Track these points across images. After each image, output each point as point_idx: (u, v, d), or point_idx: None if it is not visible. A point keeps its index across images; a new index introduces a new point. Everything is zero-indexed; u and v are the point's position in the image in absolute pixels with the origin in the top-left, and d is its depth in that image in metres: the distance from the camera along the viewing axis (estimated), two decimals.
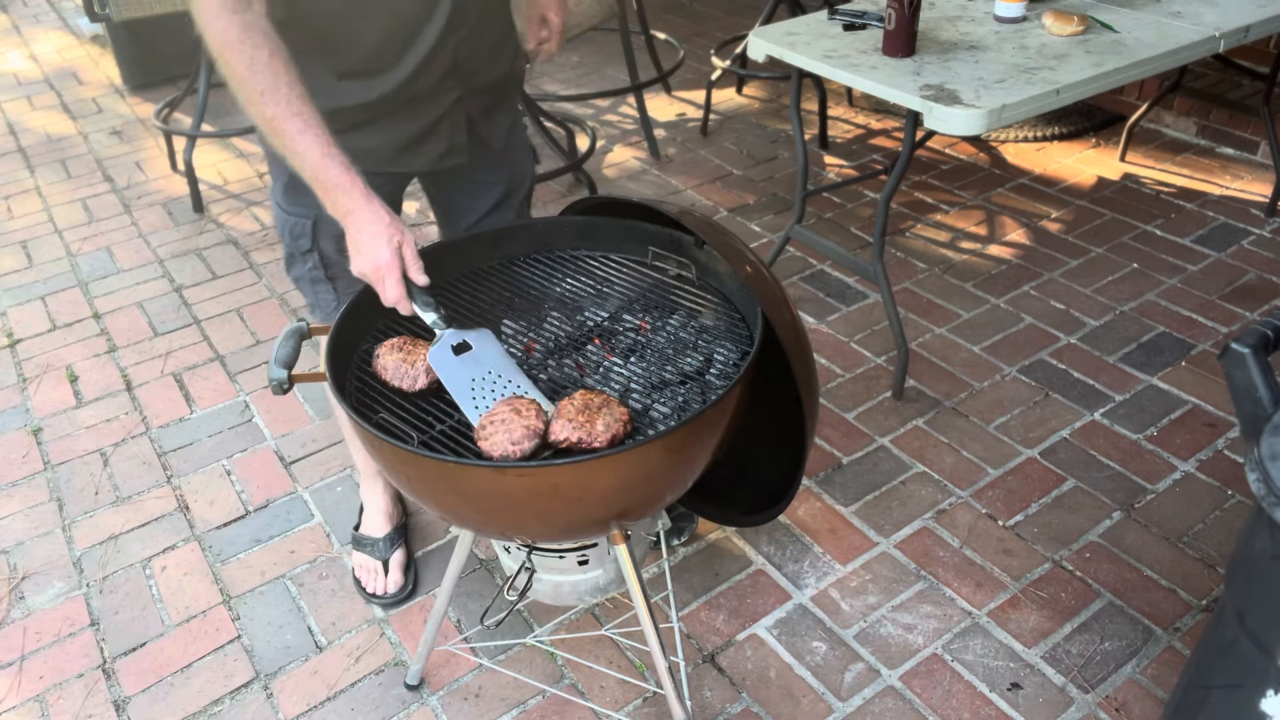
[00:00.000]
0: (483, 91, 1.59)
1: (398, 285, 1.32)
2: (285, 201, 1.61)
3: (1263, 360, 1.21)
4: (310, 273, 1.67)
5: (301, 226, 1.61)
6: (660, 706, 1.69)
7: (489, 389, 1.32)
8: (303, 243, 1.63)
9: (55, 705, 1.75)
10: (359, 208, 1.31)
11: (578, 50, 4.48)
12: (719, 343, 1.44)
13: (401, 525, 2.01)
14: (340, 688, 1.76)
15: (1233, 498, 2.03)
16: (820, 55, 2.13)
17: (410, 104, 1.51)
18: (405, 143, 1.55)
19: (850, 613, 1.84)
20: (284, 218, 1.63)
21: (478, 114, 1.60)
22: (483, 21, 1.52)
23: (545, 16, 1.76)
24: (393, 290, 1.33)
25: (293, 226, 1.62)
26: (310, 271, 1.67)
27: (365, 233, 1.31)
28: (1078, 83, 1.97)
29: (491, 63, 1.58)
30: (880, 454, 2.19)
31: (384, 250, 1.31)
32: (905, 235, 3.00)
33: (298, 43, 1.31)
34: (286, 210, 1.61)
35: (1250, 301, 2.61)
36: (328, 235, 1.60)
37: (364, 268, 1.33)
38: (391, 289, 1.32)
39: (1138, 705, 1.65)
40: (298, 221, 1.61)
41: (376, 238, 1.31)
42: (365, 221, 1.31)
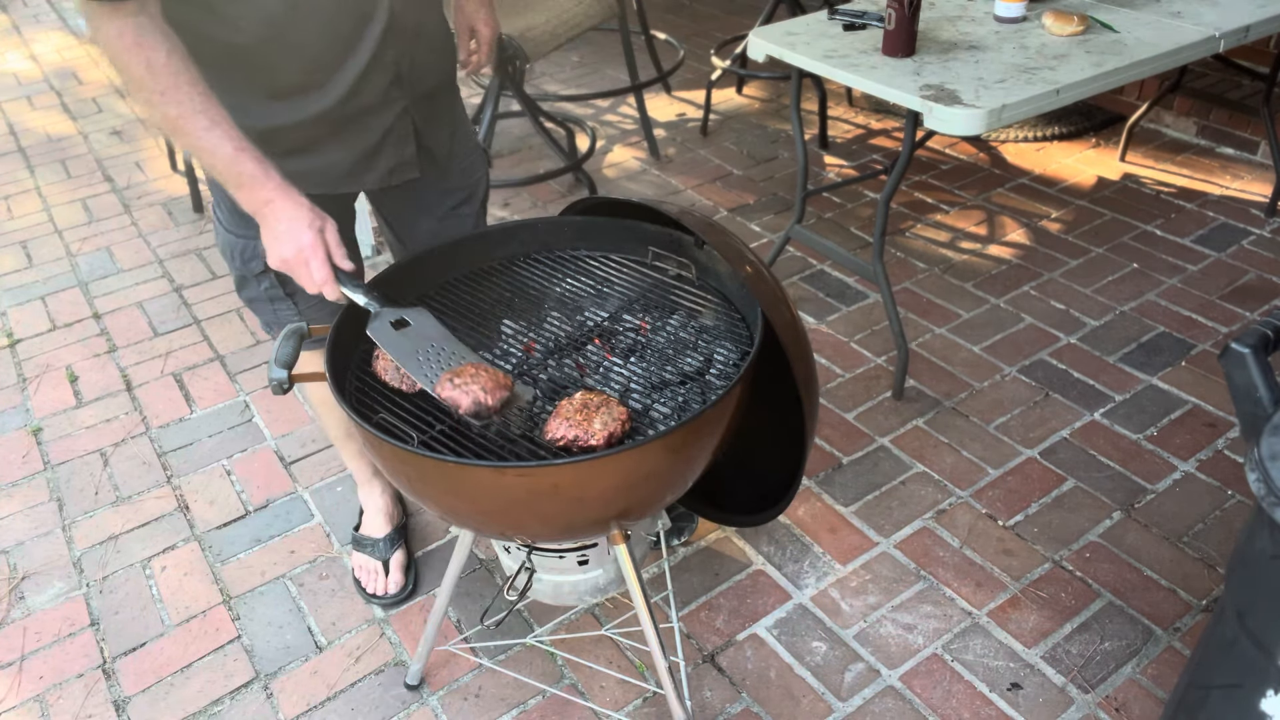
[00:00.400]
0: (425, 99, 1.54)
1: (323, 265, 1.28)
2: (231, 223, 1.55)
3: (1263, 360, 1.21)
4: (267, 292, 1.62)
5: (251, 248, 1.55)
6: (660, 706, 1.69)
7: (435, 359, 1.31)
8: (255, 265, 1.56)
9: (55, 705, 1.75)
10: (277, 198, 1.26)
11: (578, 50, 4.48)
12: (719, 343, 1.44)
13: (402, 525, 2.00)
14: (340, 688, 1.76)
15: (1233, 498, 2.03)
16: (820, 55, 2.13)
17: (353, 120, 1.45)
18: (352, 162, 1.50)
19: (850, 613, 1.84)
20: (230, 240, 1.57)
21: (422, 123, 1.55)
22: (422, 28, 1.47)
23: (474, 28, 1.70)
24: (319, 271, 1.28)
25: (242, 249, 1.56)
26: (267, 291, 1.62)
27: (285, 220, 1.26)
28: (1078, 83, 1.97)
29: (433, 70, 1.53)
30: (880, 454, 2.19)
31: (305, 233, 1.26)
32: (905, 235, 3.00)
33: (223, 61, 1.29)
34: (234, 232, 1.55)
35: (1250, 301, 2.61)
36: None
37: (285, 253, 1.27)
38: (317, 269, 1.28)
39: (1138, 705, 1.65)
40: (247, 243, 1.55)
41: (297, 222, 1.27)
42: (284, 210, 1.27)
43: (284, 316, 1.64)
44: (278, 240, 1.27)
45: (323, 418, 1.88)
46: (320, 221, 1.28)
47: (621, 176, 3.48)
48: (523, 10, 2.98)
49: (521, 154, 3.65)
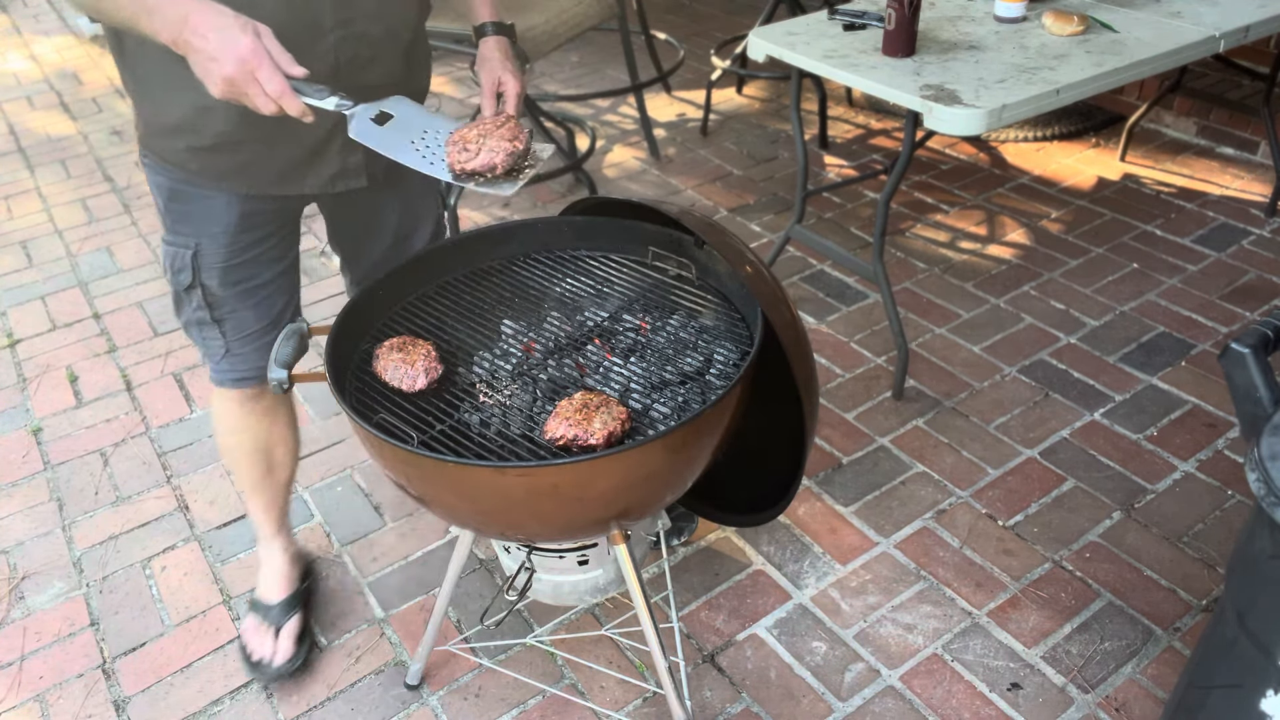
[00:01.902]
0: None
1: (274, 73, 1.11)
2: (165, 227, 1.46)
3: (1263, 360, 1.21)
4: (196, 314, 1.51)
5: (181, 257, 1.45)
6: (660, 706, 1.69)
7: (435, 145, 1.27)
8: (184, 277, 1.47)
9: (55, 705, 1.75)
10: (194, 10, 1.09)
11: (578, 50, 4.48)
12: (719, 343, 1.44)
13: (302, 591, 1.86)
14: (340, 688, 1.76)
15: (1233, 498, 2.03)
16: (820, 55, 2.13)
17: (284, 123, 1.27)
18: (289, 162, 1.39)
19: (850, 613, 1.84)
20: (165, 249, 1.48)
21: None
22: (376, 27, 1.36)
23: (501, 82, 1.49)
24: (270, 80, 1.11)
25: (173, 258, 1.46)
26: (195, 312, 1.51)
27: (212, 32, 1.09)
28: (1078, 83, 1.97)
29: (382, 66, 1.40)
30: (880, 454, 2.19)
31: (242, 38, 1.09)
32: (905, 235, 3.00)
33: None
34: (167, 240, 1.47)
35: (1250, 301, 2.61)
36: (211, 267, 1.46)
37: (226, 69, 1.09)
38: (268, 78, 1.11)
39: (1138, 705, 1.65)
40: (177, 251, 1.45)
41: (226, 30, 1.09)
42: (208, 22, 1.09)
43: (212, 346, 1.55)
44: (213, 60, 1.09)
45: (232, 466, 1.77)
46: (253, 24, 1.12)
47: (621, 176, 3.48)
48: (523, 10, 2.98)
49: None
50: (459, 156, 1.25)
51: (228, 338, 1.54)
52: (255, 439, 1.70)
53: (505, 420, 1.33)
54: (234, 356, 1.56)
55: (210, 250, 1.44)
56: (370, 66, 1.37)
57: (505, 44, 1.56)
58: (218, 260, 1.45)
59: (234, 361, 1.57)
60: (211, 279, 1.47)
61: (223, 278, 1.47)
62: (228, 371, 1.59)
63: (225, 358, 1.56)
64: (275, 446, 1.73)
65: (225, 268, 1.46)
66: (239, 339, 1.54)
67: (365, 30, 1.34)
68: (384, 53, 1.40)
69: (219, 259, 1.45)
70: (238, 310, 1.51)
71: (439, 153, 1.26)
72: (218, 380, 1.61)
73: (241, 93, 1.12)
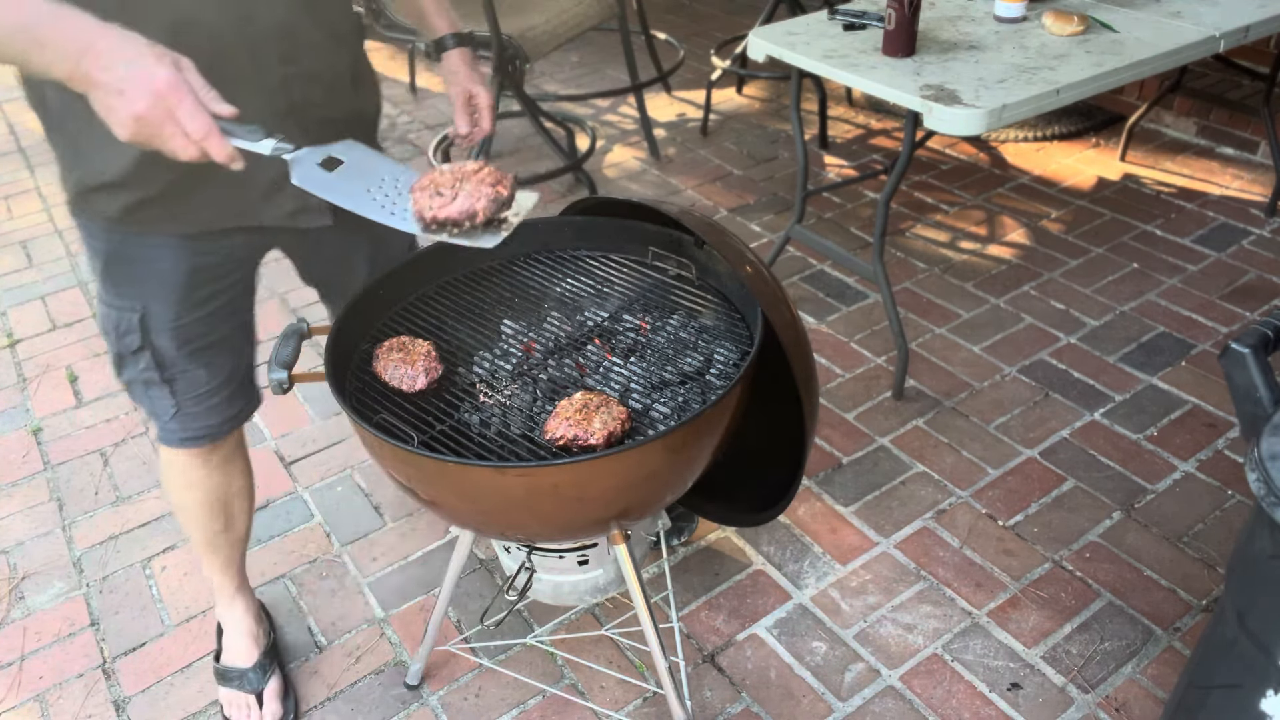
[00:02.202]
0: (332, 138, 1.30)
1: (197, 110, 0.95)
2: (104, 292, 1.36)
3: (1263, 360, 1.21)
4: (143, 374, 1.41)
5: (128, 321, 1.35)
6: (660, 706, 1.69)
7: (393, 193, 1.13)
8: (131, 340, 1.37)
9: (55, 705, 1.75)
10: (99, 36, 0.93)
11: (578, 50, 4.48)
12: (719, 343, 1.44)
13: (272, 646, 1.77)
14: (340, 688, 1.76)
15: (1233, 498, 2.03)
16: (820, 55, 2.13)
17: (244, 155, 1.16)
18: (246, 196, 1.29)
19: (850, 613, 1.84)
20: (106, 312, 1.37)
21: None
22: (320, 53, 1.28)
23: (471, 94, 1.49)
24: (192, 119, 0.95)
25: (117, 322, 1.36)
26: (143, 373, 1.40)
27: (121, 63, 0.93)
28: (1078, 83, 1.97)
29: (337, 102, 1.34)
30: (880, 454, 2.19)
31: (158, 70, 0.93)
32: (905, 235, 3.00)
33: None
34: (108, 303, 1.36)
35: (1250, 301, 2.61)
36: (161, 329, 1.36)
37: (137, 108, 0.93)
38: (190, 116, 0.95)
39: (1138, 705, 1.65)
40: (122, 315, 1.35)
41: (139, 61, 0.93)
42: (115, 51, 0.93)
43: (160, 407, 1.44)
44: (119, 94, 0.93)
45: (187, 524, 1.65)
46: (170, 54, 0.96)
47: (621, 176, 3.48)
48: (523, 10, 2.98)
49: (521, 154, 3.65)
50: (430, 202, 1.11)
51: (179, 397, 1.43)
52: (211, 493, 1.59)
53: (505, 420, 1.33)
54: (185, 415, 1.46)
55: (159, 311, 1.34)
56: (325, 102, 1.29)
57: (469, 55, 1.51)
58: (168, 320, 1.35)
59: (185, 421, 1.46)
60: (162, 339, 1.37)
61: (175, 337, 1.37)
62: (178, 431, 1.48)
63: (175, 417, 1.45)
64: (233, 499, 1.62)
65: (177, 327, 1.36)
66: (191, 398, 1.44)
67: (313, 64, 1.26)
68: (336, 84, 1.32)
69: (169, 319, 1.35)
70: (189, 370, 1.41)
71: (401, 201, 1.12)
72: (166, 440, 1.50)
73: (155, 134, 0.96)
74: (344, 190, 1.11)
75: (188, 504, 1.60)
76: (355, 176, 1.13)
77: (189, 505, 1.60)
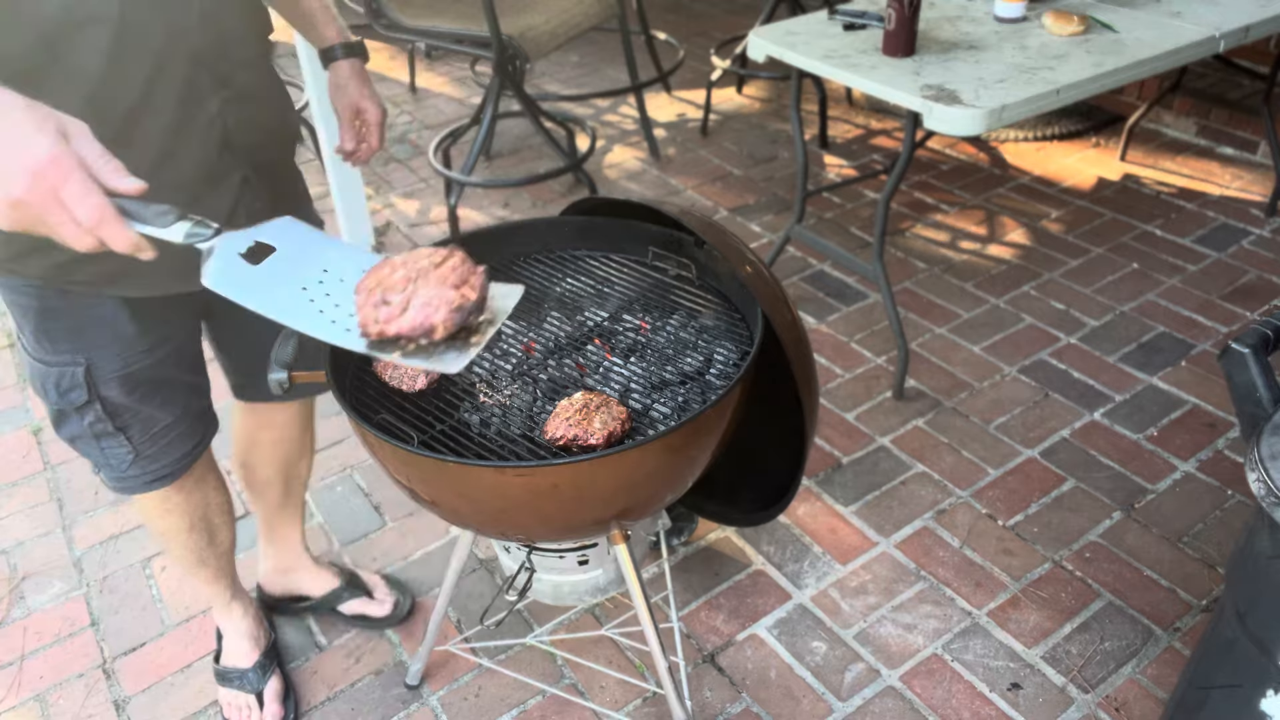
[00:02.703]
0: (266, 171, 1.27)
1: (88, 191, 0.79)
2: (39, 349, 1.24)
3: (1263, 360, 1.21)
4: (93, 428, 1.31)
5: (71, 377, 1.24)
6: (660, 706, 1.69)
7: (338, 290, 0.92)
8: (75, 395, 1.26)
9: (55, 705, 1.75)
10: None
11: (578, 50, 4.48)
12: (719, 343, 1.44)
13: (271, 646, 1.76)
14: (340, 688, 1.76)
15: (1233, 498, 2.03)
16: (820, 55, 2.13)
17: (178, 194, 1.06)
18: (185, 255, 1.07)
19: (850, 613, 1.84)
20: (41, 370, 1.25)
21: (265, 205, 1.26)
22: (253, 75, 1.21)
23: (359, 109, 1.42)
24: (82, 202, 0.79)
25: (58, 379, 1.25)
26: (92, 426, 1.31)
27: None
28: (1078, 83, 1.97)
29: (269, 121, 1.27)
30: (880, 454, 2.19)
31: (37, 141, 0.77)
32: (905, 235, 3.00)
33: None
34: (44, 360, 1.25)
35: (1250, 301, 2.61)
36: (109, 380, 1.26)
37: (13, 190, 0.77)
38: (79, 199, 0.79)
39: (1138, 705, 1.65)
40: (63, 371, 1.24)
41: (19, 127, 0.77)
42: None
43: (115, 456, 1.35)
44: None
45: (170, 549, 1.59)
46: (55, 117, 0.80)
47: (621, 176, 3.48)
48: (523, 10, 2.98)
49: (521, 154, 3.65)
50: (374, 314, 0.89)
51: (135, 442, 1.34)
52: (190, 513, 1.52)
53: (505, 420, 1.33)
54: (144, 459, 1.38)
55: (105, 361, 1.24)
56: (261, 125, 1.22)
57: (360, 66, 1.43)
58: (116, 370, 1.25)
59: (145, 464, 1.38)
60: (111, 390, 1.27)
61: (124, 384, 1.28)
62: (140, 477, 1.40)
63: (135, 463, 1.37)
64: (212, 514, 1.57)
65: (125, 375, 1.27)
66: (147, 440, 1.35)
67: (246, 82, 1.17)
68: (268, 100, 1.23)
69: (117, 368, 1.26)
70: (143, 411, 1.33)
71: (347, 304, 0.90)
72: (126, 489, 1.41)
73: (38, 221, 0.79)
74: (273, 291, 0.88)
75: (167, 531, 1.54)
76: (288, 271, 0.90)
77: (169, 532, 1.54)
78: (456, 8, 3.01)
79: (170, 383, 1.35)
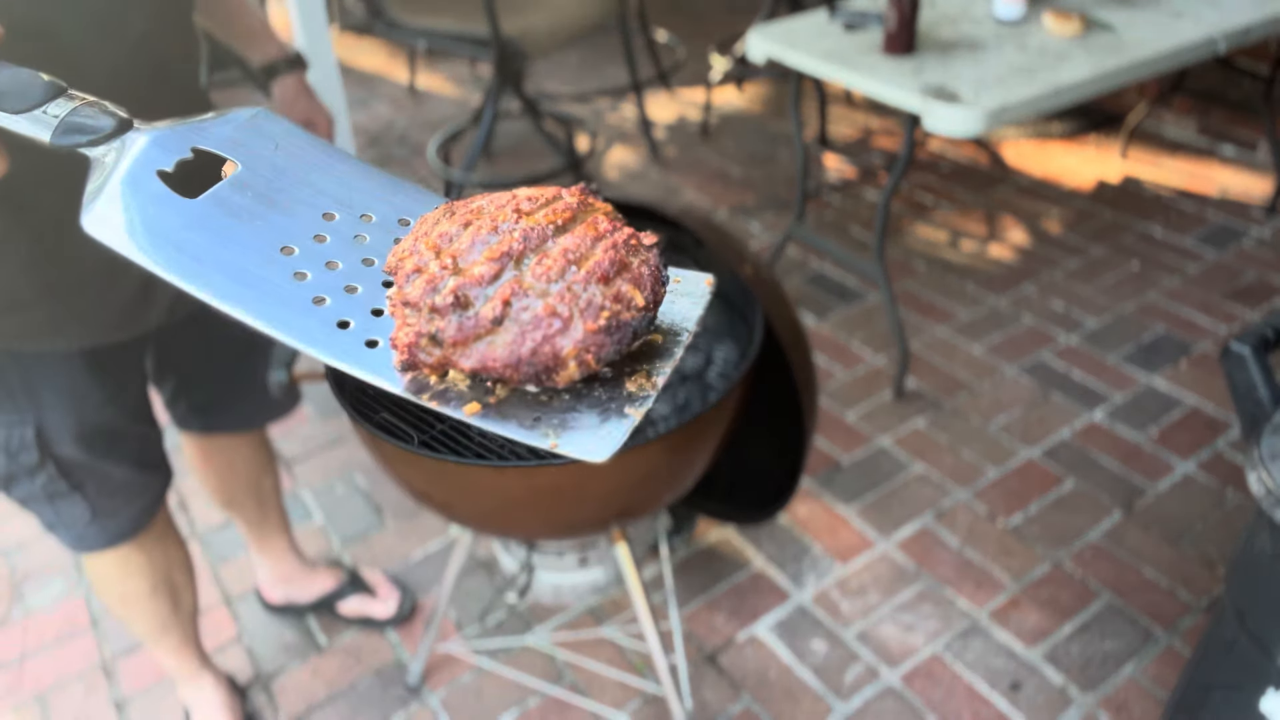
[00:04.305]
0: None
1: None
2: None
3: (1263, 360, 1.21)
4: (45, 489, 1.23)
5: (19, 437, 1.17)
6: (660, 706, 1.69)
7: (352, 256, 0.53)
8: (26, 457, 1.18)
9: (55, 705, 1.75)
10: None
11: (578, 50, 4.48)
12: (719, 343, 1.44)
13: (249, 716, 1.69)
14: (340, 688, 1.76)
15: (1233, 498, 2.03)
16: (820, 55, 2.13)
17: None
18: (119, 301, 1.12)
19: (850, 613, 1.84)
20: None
21: None
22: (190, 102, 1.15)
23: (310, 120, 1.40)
24: None
25: (5, 441, 1.17)
26: (45, 487, 1.23)
27: None
28: (1078, 83, 1.97)
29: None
30: (880, 454, 2.19)
31: None
32: (905, 235, 3.00)
33: None
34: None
35: (1250, 301, 2.61)
36: (62, 439, 1.19)
37: None
38: None
39: (1138, 705, 1.65)
40: (11, 432, 1.16)
41: None
42: None
43: (71, 515, 1.28)
44: None
45: (130, 617, 1.50)
46: None
47: (621, 176, 3.48)
48: (523, 10, 2.98)
49: (521, 154, 3.65)
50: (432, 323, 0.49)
51: (91, 499, 1.28)
52: (151, 575, 1.44)
53: None
54: (104, 515, 1.31)
55: (55, 419, 1.17)
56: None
57: (304, 78, 1.40)
58: (70, 428, 1.19)
59: (105, 521, 1.32)
60: (65, 449, 1.21)
61: (80, 443, 1.21)
62: (100, 534, 1.33)
63: (94, 521, 1.30)
64: (174, 572, 1.48)
65: (80, 433, 1.21)
66: (105, 495, 1.29)
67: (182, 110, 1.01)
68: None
69: (70, 425, 1.19)
70: (99, 467, 1.26)
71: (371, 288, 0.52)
72: (87, 547, 1.34)
73: None
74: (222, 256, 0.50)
75: (127, 596, 1.45)
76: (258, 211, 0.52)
77: (133, 595, 1.45)
78: (456, 8, 3.01)
79: (125, 435, 1.29)
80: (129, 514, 1.35)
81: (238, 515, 1.73)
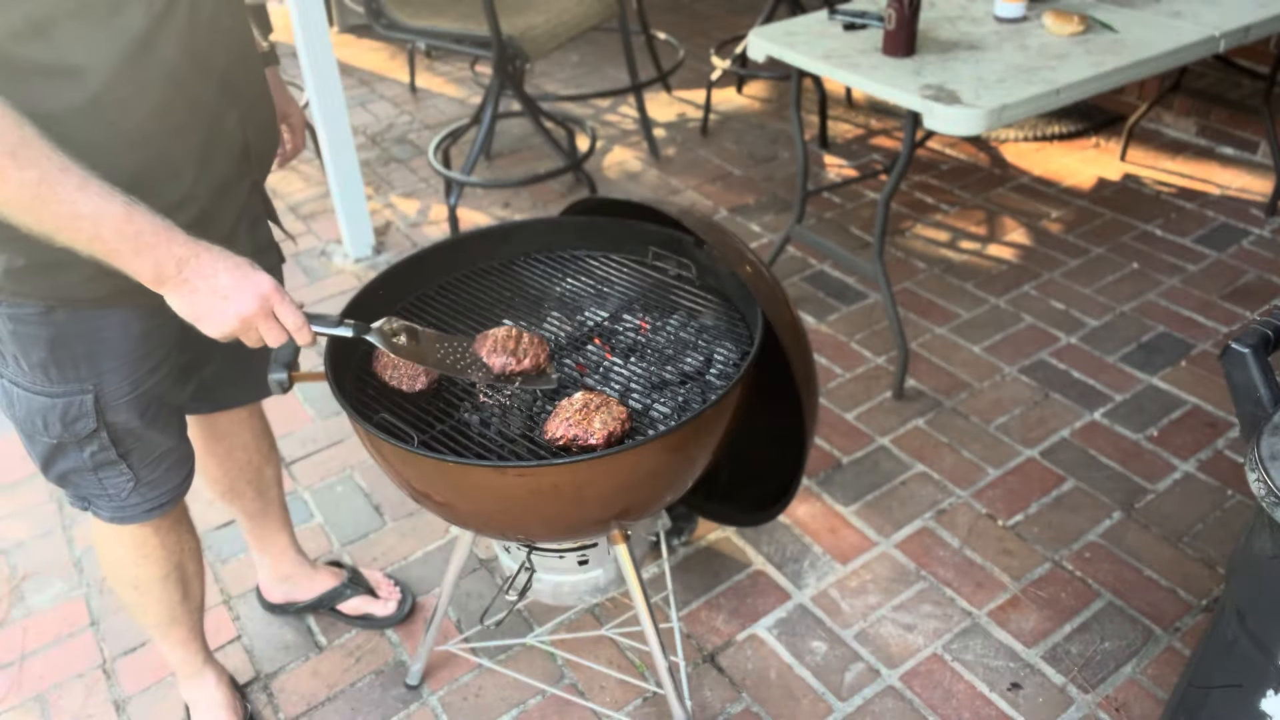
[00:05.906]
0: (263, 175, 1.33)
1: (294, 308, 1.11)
2: (41, 382, 1.21)
3: (1263, 360, 1.21)
4: (94, 459, 1.29)
5: (79, 406, 1.22)
6: (660, 706, 1.69)
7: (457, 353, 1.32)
8: (82, 425, 1.24)
9: (55, 705, 1.75)
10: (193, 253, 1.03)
11: (578, 50, 4.48)
12: (719, 343, 1.44)
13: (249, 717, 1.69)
14: (340, 688, 1.76)
15: (1233, 498, 2.03)
16: (820, 55, 2.13)
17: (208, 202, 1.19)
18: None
19: (850, 613, 1.84)
20: (43, 404, 1.22)
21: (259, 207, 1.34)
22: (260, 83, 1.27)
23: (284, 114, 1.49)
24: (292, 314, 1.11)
25: (63, 411, 1.22)
26: (94, 457, 1.28)
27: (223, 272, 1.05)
28: (1078, 83, 1.97)
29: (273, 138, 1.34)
30: (880, 454, 2.19)
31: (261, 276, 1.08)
32: (905, 235, 3.00)
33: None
34: (47, 393, 1.21)
35: (1250, 301, 2.61)
36: (118, 403, 1.25)
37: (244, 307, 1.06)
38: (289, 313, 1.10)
39: (1138, 705, 1.65)
40: (70, 402, 1.22)
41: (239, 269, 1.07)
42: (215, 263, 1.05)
43: (115, 487, 1.33)
44: (224, 298, 1.05)
45: (139, 603, 1.51)
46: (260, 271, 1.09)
47: (621, 176, 3.48)
48: (523, 10, 2.98)
49: (521, 154, 3.65)
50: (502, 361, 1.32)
51: (135, 469, 1.33)
52: (165, 562, 1.47)
53: (505, 420, 1.33)
54: (145, 485, 1.35)
55: (113, 384, 1.23)
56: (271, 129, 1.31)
57: (277, 72, 1.48)
58: (124, 392, 1.25)
59: (145, 491, 1.36)
60: (120, 414, 1.26)
61: (134, 406, 1.27)
62: (138, 505, 1.37)
63: (135, 490, 1.35)
64: (186, 560, 1.51)
65: (134, 398, 1.26)
66: (148, 464, 1.34)
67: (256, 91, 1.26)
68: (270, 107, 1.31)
69: (125, 391, 1.25)
70: (145, 435, 1.31)
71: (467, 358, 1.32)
72: (126, 518, 1.38)
73: (250, 328, 1.09)
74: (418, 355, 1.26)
75: (140, 581, 1.47)
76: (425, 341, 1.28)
77: (142, 582, 1.47)
78: (456, 8, 3.01)
79: (169, 403, 1.34)
80: (167, 487, 1.39)
81: (238, 507, 1.73)
